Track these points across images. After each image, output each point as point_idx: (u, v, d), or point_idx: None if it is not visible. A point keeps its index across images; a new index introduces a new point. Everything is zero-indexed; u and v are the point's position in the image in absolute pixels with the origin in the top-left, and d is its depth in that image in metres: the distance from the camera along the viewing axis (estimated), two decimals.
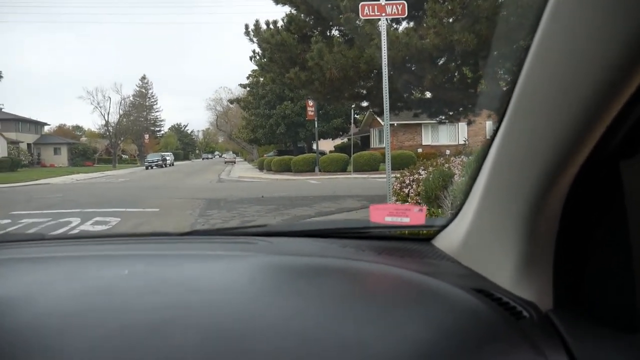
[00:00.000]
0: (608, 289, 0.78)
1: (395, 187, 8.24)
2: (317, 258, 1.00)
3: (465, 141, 28.73)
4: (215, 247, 1.18)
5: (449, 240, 1.02)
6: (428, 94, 15.02)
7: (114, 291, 0.84)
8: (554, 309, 0.81)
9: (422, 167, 8.26)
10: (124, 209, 12.70)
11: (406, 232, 1.17)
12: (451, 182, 6.36)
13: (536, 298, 0.83)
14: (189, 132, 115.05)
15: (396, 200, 7.80)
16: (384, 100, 6.22)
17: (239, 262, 1.02)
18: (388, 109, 6.29)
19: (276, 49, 10.21)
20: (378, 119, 33.07)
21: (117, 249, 1.16)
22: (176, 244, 1.24)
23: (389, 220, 1.06)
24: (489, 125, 32.60)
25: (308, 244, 1.13)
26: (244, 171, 39.16)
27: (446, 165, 7.77)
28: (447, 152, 33.44)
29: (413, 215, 1.04)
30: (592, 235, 0.80)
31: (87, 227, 9.73)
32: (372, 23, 8.41)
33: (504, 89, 11.68)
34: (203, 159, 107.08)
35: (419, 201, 7.51)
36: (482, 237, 0.90)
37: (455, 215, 1.01)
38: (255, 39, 11.06)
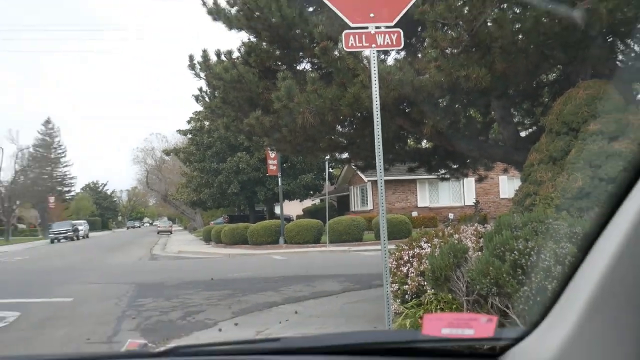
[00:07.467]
0: None
1: (390, 264, 8.22)
2: None
3: (475, 202, 29.05)
4: None
5: (529, 357, 1.01)
6: (426, 143, 15.37)
7: None
8: None
9: (424, 239, 8.30)
10: (23, 300, 12.39)
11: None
12: (465, 260, 6.38)
13: None
14: (108, 192, 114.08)
15: (393, 283, 7.77)
16: (376, 152, 6.24)
17: None
18: (382, 164, 6.34)
19: (231, 87, 10.23)
20: (360, 174, 33.35)
21: None
22: None
23: (446, 332, 1.04)
24: (502, 180, 33.26)
25: None
26: (184, 244, 38.70)
27: (455, 236, 7.82)
28: (451, 215, 33.88)
29: (479, 326, 1.03)
30: None
31: None
32: (356, 55, 8.61)
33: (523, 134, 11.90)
34: (128, 227, 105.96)
35: (423, 283, 7.49)
36: (585, 357, 0.89)
37: (535, 325, 1.00)
38: (202, 74, 11.06)
